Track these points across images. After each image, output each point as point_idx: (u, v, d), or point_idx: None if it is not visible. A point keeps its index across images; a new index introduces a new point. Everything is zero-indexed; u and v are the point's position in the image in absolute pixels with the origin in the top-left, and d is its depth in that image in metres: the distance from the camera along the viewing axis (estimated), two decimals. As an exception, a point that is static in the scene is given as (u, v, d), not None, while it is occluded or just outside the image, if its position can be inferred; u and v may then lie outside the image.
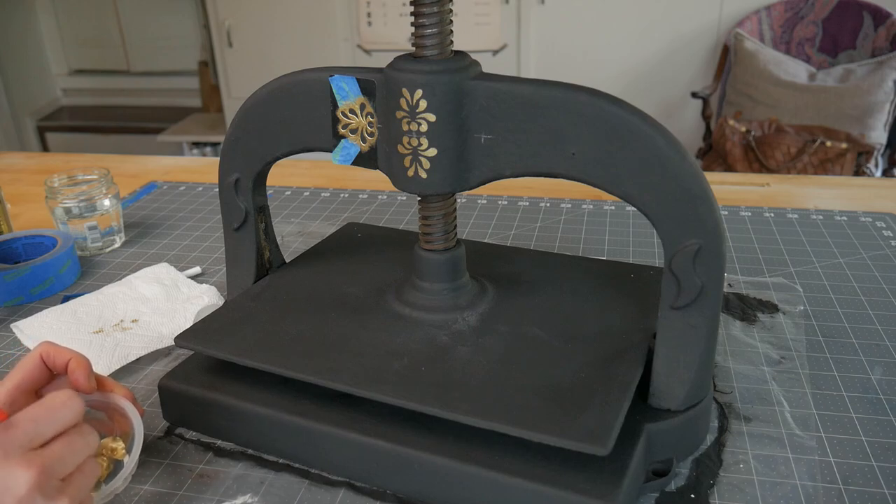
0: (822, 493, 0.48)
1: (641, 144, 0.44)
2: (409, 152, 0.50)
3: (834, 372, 0.61)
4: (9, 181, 1.15)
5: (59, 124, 3.51)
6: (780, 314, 0.70)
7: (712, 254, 0.45)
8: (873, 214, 0.92)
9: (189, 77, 3.42)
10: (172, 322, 0.70)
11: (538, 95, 0.46)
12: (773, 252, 0.82)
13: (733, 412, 0.56)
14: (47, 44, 3.52)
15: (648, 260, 0.81)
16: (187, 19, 3.35)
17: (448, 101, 0.48)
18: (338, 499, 0.50)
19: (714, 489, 0.49)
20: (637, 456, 0.47)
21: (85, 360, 0.49)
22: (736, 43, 2.38)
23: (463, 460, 0.46)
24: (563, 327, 0.55)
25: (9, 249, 0.82)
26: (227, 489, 0.51)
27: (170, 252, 0.88)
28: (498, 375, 0.50)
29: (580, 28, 2.65)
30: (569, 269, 0.65)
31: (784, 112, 2.20)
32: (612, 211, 0.95)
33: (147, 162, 1.23)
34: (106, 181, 0.88)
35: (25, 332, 0.69)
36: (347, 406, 0.51)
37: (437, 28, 0.49)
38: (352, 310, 0.59)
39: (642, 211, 0.46)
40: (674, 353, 0.49)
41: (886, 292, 0.73)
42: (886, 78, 2.12)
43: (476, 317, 0.57)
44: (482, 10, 2.62)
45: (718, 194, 0.97)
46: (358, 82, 0.51)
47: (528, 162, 0.48)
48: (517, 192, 1.02)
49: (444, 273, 0.57)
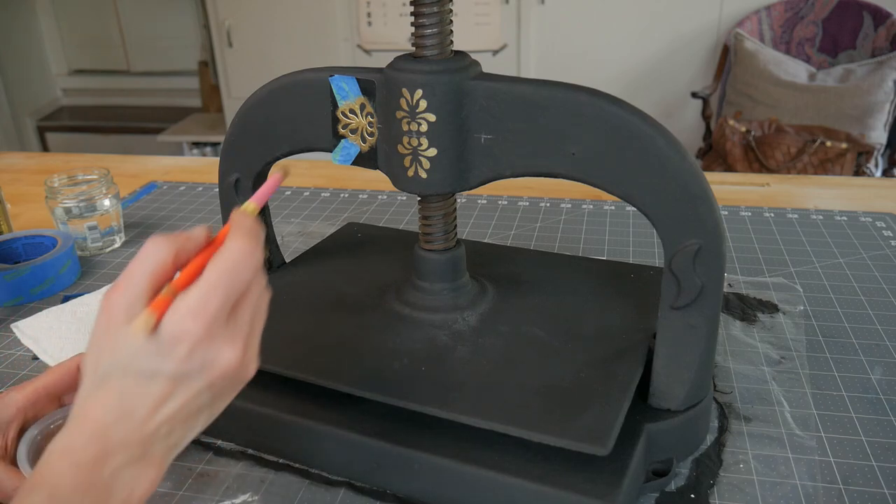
0: (822, 493, 0.48)
1: (641, 144, 0.44)
2: (409, 152, 0.50)
3: (834, 372, 0.61)
4: (9, 181, 1.15)
5: (59, 124, 3.51)
6: (780, 314, 0.70)
7: (712, 254, 0.45)
8: (873, 214, 0.92)
9: (189, 77, 3.42)
10: (172, 322, 0.70)
11: (538, 95, 0.46)
12: (773, 252, 0.82)
13: (733, 412, 0.56)
14: (47, 44, 3.52)
15: (648, 260, 0.81)
16: (187, 19, 3.35)
17: (448, 101, 0.47)
18: (338, 499, 0.50)
19: (714, 489, 0.49)
20: (637, 456, 0.47)
21: None
22: (736, 43, 2.38)
23: (463, 460, 0.46)
24: (563, 327, 0.55)
25: (9, 249, 0.82)
26: (228, 489, 0.51)
27: (170, 252, 0.88)
28: (498, 375, 0.50)
29: (580, 28, 2.65)
30: (569, 269, 0.65)
31: (784, 112, 2.20)
32: (612, 211, 0.95)
33: (147, 162, 1.23)
34: (106, 181, 0.88)
35: (25, 332, 0.69)
36: (347, 406, 0.51)
37: (437, 28, 0.49)
38: (352, 310, 0.59)
39: (642, 211, 0.46)
40: (674, 353, 0.49)
41: (886, 292, 0.73)
42: (886, 78, 2.12)
43: (476, 317, 0.57)
44: (482, 10, 2.62)
45: (718, 194, 0.97)
46: (358, 82, 0.51)
47: (528, 162, 0.48)
48: (517, 192, 1.02)
49: (444, 273, 0.57)
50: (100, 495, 0.33)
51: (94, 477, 0.33)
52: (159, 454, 0.36)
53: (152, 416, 0.35)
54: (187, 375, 0.35)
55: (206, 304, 0.35)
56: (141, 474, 0.35)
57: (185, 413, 0.36)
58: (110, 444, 0.34)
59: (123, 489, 0.34)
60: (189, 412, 0.36)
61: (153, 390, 0.35)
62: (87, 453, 0.33)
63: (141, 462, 0.35)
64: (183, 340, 0.34)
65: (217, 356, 0.35)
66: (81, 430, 0.34)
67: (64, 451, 0.34)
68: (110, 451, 0.34)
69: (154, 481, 0.36)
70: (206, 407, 0.37)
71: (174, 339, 0.34)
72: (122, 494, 0.34)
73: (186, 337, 0.34)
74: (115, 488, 0.34)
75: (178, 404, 0.35)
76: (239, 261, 0.36)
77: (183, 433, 0.37)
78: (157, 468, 0.36)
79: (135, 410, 0.34)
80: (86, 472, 0.33)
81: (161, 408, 0.35)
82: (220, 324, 0.35)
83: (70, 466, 0.33)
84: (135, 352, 0.35)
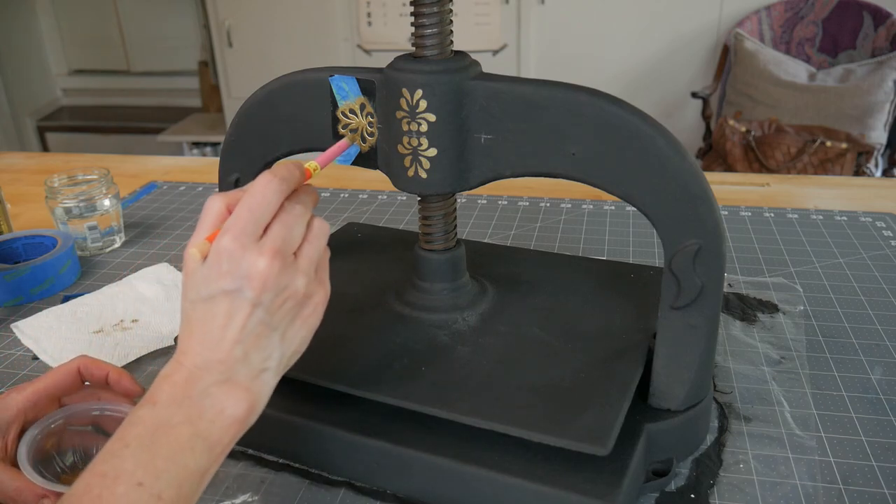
0: (822, 493, 0.48)
1: (641, 144, 0.44)
2: (409, 152, 0.50)
3: (834, 372, 0.61)
4: (9, 181, 1.15)
5: (59, 124, 3.51)
6: (780, 314, 0.70)
7: (712, 254, 0.45)
8: (873, 214, 0.92)
9: (189, 77, 3.42)
10: (172, 322, 0.70)
11: (538, 95, 0.46)
12: (773, 252, 0.82)
13: (733, 412, 0.56)
14: (47, 44, 3.52)
15: (648, 260, 0.81)
16: (187, 19, 3.35)
17: (448, 101, 0.47)
18: (338, 499, 0.50)
19: (714, 489, 0.49)
20: (637, 456, 0.47)
21: (124, 370, 0.52)
22: (736, 43, 2.38)
23: (463, 460, 0.46)
24: (563, 327, 0.55)
25: (9, 249, 0.82)
26: (228, 489, 0.51)
27: (170, 252, 0.88)
28: (498, 375, 0.50)
29: (580, 28, 2.65)
30: (569, 269, 0.65)
31: (784, 112, 2.20)
32: (612, 211, 0.95)
33: (147, 162, 1.23)
34: (106, 181, 0.88)
35: (25, 332, 0.69)
36: (347, 406, 0.51)
37: (437, 28, 0.49)
38: (352, 310, 0.59)
39: (642, 211, 0.46)
40: (674, 353, 0.49)
41: (886, 292, 0.73)
42: (886, 78, 2.12)
43: (476, 317, 0.57)
44: (482, 10, 2.62)
45: (718, 194, 0.97)
46: (358, 82, 0.51)
47: (528, 162, 0.48)
48: (517, 192, 1.02)
49: (444, 273, 0.57)
50: (192, 409, 0.39)
51: (186, 393, 0.39)
52: (244, 378, 0.40)
53: (223, 337, 0.40)
54: (237, 290, 0.40)
55: (235, 222, 0.40)
56: (228, 395, 0.40)
57: (250, 332, 0.40)
58: (196, 367, 0.40)
59: (213, 407, 0.39)
60: (252, 331, 0.40)
61: (216, 310, 0.40)
62: (180, 376, 0.40)
63: (227, 384, 0.40)
64: (221, 256, 0.40)
65: (251, 266, 0.39)
66: (176, 358, 0.40)
67: (164, 375, 0.40)
68: (196, 373, 0.39)
69: (243, 404, 0.40)
70: (269, 325, 0.41)
71: (216, 257, 0.40)
72: (213, 411, 0.39)
73: (223, 252, 0.40)
74: (204, 406, 0.39)
75: (240, 322, 0.40)
76: (258, 185, 0.41)
77: (260, 357, 0.41)
78: (244, 391, 0.40)
79: (208, 333, 0.40)
80: (179, 390, 0.39)
81: (227, 327, 0.40)
82: (249, 238, 0.40)
83: (168, 385, 0.39)
84: (196, 280, 0.40)
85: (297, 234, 0.42)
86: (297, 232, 0.42)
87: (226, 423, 0.40)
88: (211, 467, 0.39)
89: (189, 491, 0.38)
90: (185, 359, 0.40)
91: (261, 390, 0.41)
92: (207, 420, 0.39)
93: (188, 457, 0.38)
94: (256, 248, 0.40)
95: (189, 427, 0.38)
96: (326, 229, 0.44)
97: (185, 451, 0.38)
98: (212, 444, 0.39)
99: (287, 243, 0.41)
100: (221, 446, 0.40)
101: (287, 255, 0.41)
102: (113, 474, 0.36)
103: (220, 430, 0.39)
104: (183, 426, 0.38)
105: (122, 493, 0.35)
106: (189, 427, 0.38)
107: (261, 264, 0.40)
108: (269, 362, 0.41)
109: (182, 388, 0.39)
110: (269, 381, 0.42)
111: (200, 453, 0.38)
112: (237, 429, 0.40)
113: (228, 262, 0.40)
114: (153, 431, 0.38)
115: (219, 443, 0.39)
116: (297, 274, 0.41)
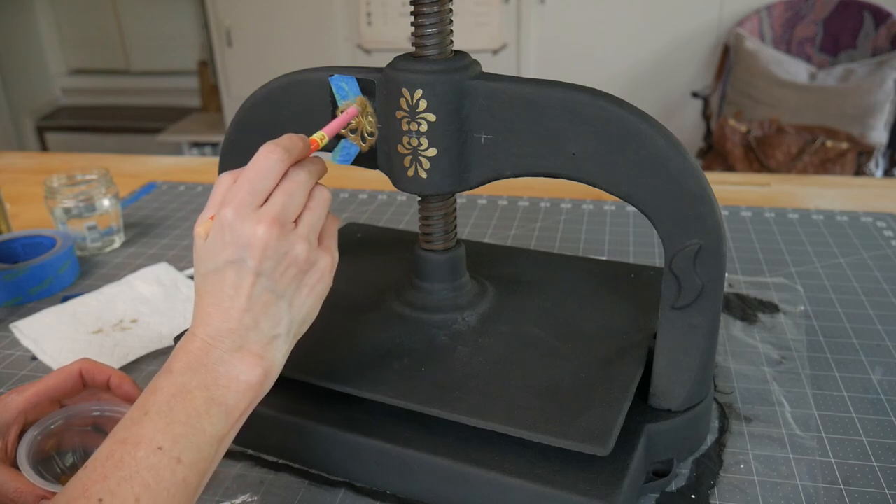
0: (823, 494, 0.48)
1: (641, 144, 0.44)
2: (409, 152, 0.50)
3: (835, 372, 0.61)
4: (8, 181, 1.15)
5: (58, 124, 3.51)
6: (781, 314, 0.70)
7: (713, 254, 0.45)
8: (874, 214, 0.92)
9: (189, 77, 3.41)
10: (172, 322, 0.70)
11: (538, 95, 0.46)
12: (774, 252, 0.82)
13: (734, 412, 0.56)
14: (47, 44, 3.51)
15: (648, 260, 0.81)
16: (187, 19, 3.35)
17: (448, 101, 0.47)
18: (338, 499, 0.50)
19: (714, 489, 0.49)
20: (637, 456, 0.46)
21: (125, 374, 0.52)
22: (736, 43, 2.38)
23: (463, 460, 0.46)
24: (564, 327, 0.55)
25: (8, 249, 0.82)
26: (228, 489, 0.50)
27: (169, 252, 0.88)
28: (498, 375, 0.50)
29: (580, 28, 2.64)
30: (569, 269, 0.65)
31: (784, 112, 2.20)
32: (612, 211, 0.95)
33: (146, 162, 1.23)
34: (105, 181, 0.88)
35: (25, 332, 0.69)
36: (347, 406, 0.51)
37: (437, 28, 0.49)
38: (352, 310, 0.58)
39: (642, 211, 0.46)
40: (674, 353, 0.49)
41: (887, 292, 0.73)
42: (887, 77, 2.11)
43: (476, 317, 0.57)
44: (482, 10, 2.62)
45: (719, 194, 0.97)
46: (358, 82, 0.51)
47: (528, 162, 0.48)
48: (517, 192, 1.02)
49: (444, 273, 0.57)
50: (206, 376, 0.40)
51: (201, 362, 0.40)
52: (256, 346, 0.42)
53: (232, 306, 0.41)
54: (240, 260, 0.41)
55: (235, 194, 0.41)
56: (242, 362, 0.41)
57: (257, 300, 0.41)
58: (209, 336, 0.41)
59: (227, 374, 0.41)
60: (259, 299, 0.41)
61: (224, 281, 0.41)
62: (195, 346, 0.41)
63: (240, 352, 0.41)
64: (224, 227, 0.41)
65: (250, 235, 0.41)
66: (192, 330, 0.42)
67: (181, 346, 0.41)
68: (210, 342, 0.41)
69: (257, 370, 0.41)
70: (274, 293, 0.42)
71: (219, 230, 0.41)
72: (227, 377, 0.41)
73: (224, 223, 0.41)
74: (219, 372, 0.41)
75: (246, 290, 0.41)
76: (259, 155, 0.42)
77: (269, 324, 0.42)
78: (257, 358, 0.42)
79: (218, 304, 0.41)
80: (195, 358, 0.41)
81: (235, 297, 0.41)
82: (249, 208, 0.41)
83: (184, 354, 0.41)
84: (202, 255, 0.42)
85: (298, 201, 0.43)
86: (299, 199, 0.43)
87: (241, 388, 0.41)
88: (229, 433, 0.41)
89: (208, 454, 0.39)
90: (199, 330, 0.41)
91: (274, 357, 0.43)
92: (222, 386, 0.40)
93: (205, 421, 0.39)
94: (255, 216, 0.41)
95: (205, 392, 0.40)
96: (328, 196, 0.45)
97: (202, 416, 0.39)
98: (228, 409, 0.40)
99: (287, 210, 0.42)
100: (238, 412, 0.41)
101: (286, 223, 0.42)
102: (133, 440, 0.38)
103: (235, 396, 0.41)
104: (199, 392, 0.40)
105: (143, 457, 0.37)
106: (205, 392, 0.40)
107: (259, 231, 0.40)
108: (278, 328, 0.42)
109: (197, 357, 0.41)
110: (281, 347, 0.43)
111: (217, 418, 0.40)
112: (252, 395, 0.42)
113: (230, 233, 0.41)
114: (170, 398, 0.39)
115: (235, 408, 0.41)
116: (296, 240, 0.42)
